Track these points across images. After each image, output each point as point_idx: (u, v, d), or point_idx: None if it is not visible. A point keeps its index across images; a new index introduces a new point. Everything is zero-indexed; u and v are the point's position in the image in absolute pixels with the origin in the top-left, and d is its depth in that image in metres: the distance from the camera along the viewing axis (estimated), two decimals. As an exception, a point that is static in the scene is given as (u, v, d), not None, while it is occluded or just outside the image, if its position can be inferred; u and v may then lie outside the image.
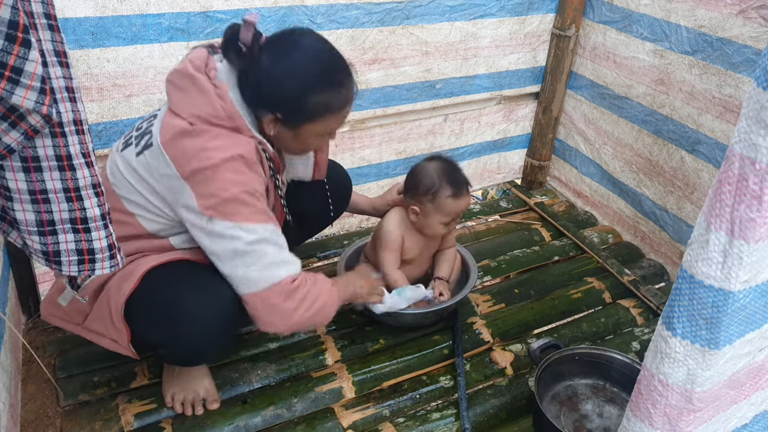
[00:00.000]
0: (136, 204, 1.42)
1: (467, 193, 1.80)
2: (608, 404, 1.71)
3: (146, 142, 1.39)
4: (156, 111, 1.48)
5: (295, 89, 1.36)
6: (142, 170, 1.39)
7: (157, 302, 1.38)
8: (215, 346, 1.51)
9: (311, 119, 1.41)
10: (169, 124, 1.36)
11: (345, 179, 1.96)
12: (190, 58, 1.40)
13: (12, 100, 0.84)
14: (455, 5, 2.27)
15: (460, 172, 1.80)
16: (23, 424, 1.56)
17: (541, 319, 2.03)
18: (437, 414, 1.65)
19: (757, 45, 1.84)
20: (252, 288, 1.38)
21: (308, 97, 1.37)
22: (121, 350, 1.44)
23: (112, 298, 1.38)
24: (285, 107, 1.38)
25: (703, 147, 2.08)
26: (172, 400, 1.60)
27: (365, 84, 2.24)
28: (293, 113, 1.39)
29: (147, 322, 1.41)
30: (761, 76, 0.77)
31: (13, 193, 1.00)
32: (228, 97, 1.35)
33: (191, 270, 1.44)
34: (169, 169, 1.34)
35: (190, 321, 1.38)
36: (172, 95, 1.39)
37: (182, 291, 1.39)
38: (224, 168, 1.32)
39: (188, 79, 1.36)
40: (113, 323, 1.40)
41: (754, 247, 0.84)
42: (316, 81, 1.37)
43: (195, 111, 1.35)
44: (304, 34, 1.41)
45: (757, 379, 1.10)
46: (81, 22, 1.70)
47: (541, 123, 2.73)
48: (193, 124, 1.34)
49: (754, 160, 0.80)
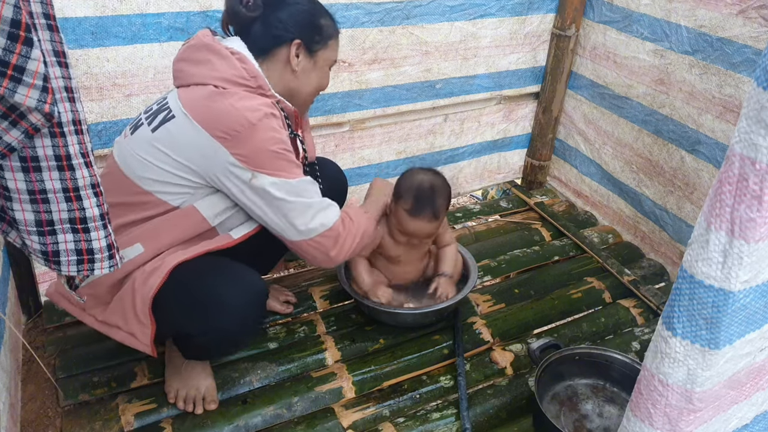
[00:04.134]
0: (154, 181, 1.41)
1: (426, 219, 1.74)
2: (608, 404, 1.71)
3: (164, 116, 1.41)
4: (162, 98, 1.49)
5: (309, 13, 1.50)
6: (160, 144, 1.39)
7: (189, 293, 1.40)
8: (249, 333, 1.62)
9: (326, 43, 1.53)
10: (191, 95, 1.40)
11: (340, 176, 1.97)
12: (198, 35, 1.47)
13: (14, 99, 0.84)
14: (455, 5, 2.26)
15: (433, 198, 1.75)
16: (23, 424, 1.56)
17: (541, 319, 2.03)
18: (437, 414, 1.65)
19: (757, 45, 1.84)
20: (302, 236, 1.47)
21: (319, 19, 1.51)
22: (138, 345, 1.43)
23: (137, 293, 1.38)
24: (304, 31, 1.49)
25: (703, 147, 2.08)
26: (176, 396, 1.60)
27: (365, 84, 2.24)
28: (312, 36, 1.50)
29: (179, 313, 1.42)
30: (761, 76, 0.77)
31: (13, 193, 1.00)
32: (248, 59, 1.43)
33: (217, 261, 1.46)
34: (200, 135, 1.36)
35: (227, 308, 1.41)
36: (186, 72, 1.44)
37: (213, 280, 1.41)
38: (260, 126, 1.36)
39: (206, 49, 1.43)
40: (137, 317, 1.39)
41: (754, 247, 0.84)
42: (319, 6, 1.54)
43: (218, 75, 1.40)
44: None
45: (758, 380, 1.10)
46: (81, 21, 1.70)
47: (541, 123, 2.73)
48: (217, 86, 1.38)
49: (754, 160, 0.80)
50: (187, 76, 1.43)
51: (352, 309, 2.00)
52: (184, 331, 1.48)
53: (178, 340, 1.56)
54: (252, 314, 1.49)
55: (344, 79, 2.18)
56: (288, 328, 1.90)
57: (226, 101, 1.36)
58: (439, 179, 1.80)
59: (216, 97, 1.36)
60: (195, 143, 1.37)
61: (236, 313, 1.42)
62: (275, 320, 1.93)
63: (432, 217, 1.75)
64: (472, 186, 2.83)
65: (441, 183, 1.79)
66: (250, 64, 1.42)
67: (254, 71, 1.42)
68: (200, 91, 1.38)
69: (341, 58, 2.13)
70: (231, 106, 1.35)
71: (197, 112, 1.36)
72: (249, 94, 1.40)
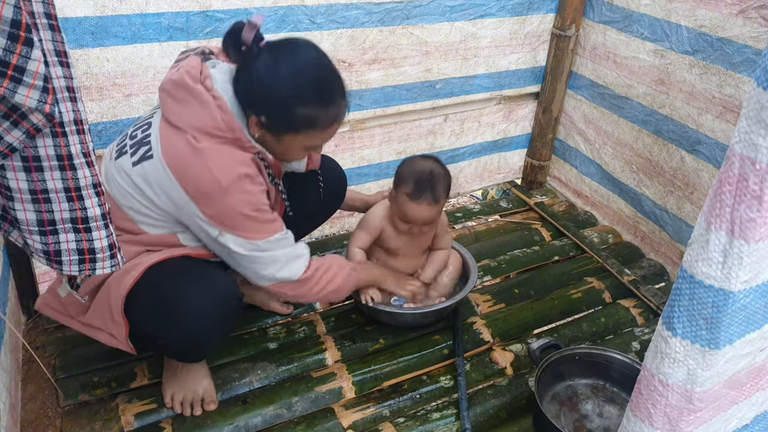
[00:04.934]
0: (135, 211, 1.42)
1: (426, 203, 1.74)
2: (608, 404, 1.71)
3: (145, 152, 1.39)
4: (148, 118, 1.46)
5: (284, 97, 1.36)
6: (139, 180, 1.39)
7: (157, 294, 1.39)
8: (215, 339, 1.53)
9: (296, 131, 1.41)
10: (169, 138, 1.36)
11: (339, 173, 1.96)
12: (185, 68, 1.39)
13: (15, 99, 0.84)
14: (455, 5, 2.27)
15: (434, 183, 1.75)
16: (23, 424, 1.56)
17: (541, 319, 2.03)
18: (437, 414, 1.65)
19: (757, 45, 1.84)
20: (268, 282, 1.51)
21: (296, 108, 1.37)
22: (119, 345, 1.45)
23: (112, 293, 1.39)
24: (271, 113, 1.38)
25: (703, 147, 2.08)
26: (172, 399, 1.60)
27: (365, 84, 2.24)
28: (278, 121, 1.39)
29: (146, 313, 1.41)
30: (761, 76, 0.77)
31: (14, 192, 1.00)
32: (228, 108, 1.37)
33: (192, 264, 1.46)
34: (173, 185, 1.35)
35: (189, 310, 1.39)
36: (168, 105, 1.39)
37: (182, 282, 1.41)
38: (231, 189, 1.35)
39: (186, 90, 1.37)
40: (112, 317, 1.40)
41: (754, 247, 0.84)
42: (306, 93, 1.37)
43: (196, 123, 1.35)
44: (305, 44, 1.41)
45: (758, 380, 1.10)
46: (81, 21, 1.70)
47: (541, 123, 2.73)
48: (195, 137, 1.34)
49: (755, 160, 0.80)
50: (168, 109, 1.39)
51: (352, 309, 2.00)
52: (148, 332, 1.45)
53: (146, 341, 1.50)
54: (216, 318, 1.44)
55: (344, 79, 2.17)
56: (288, 328, 1.90)
57: (201, 160, 1.33)
58: (439, 165, 1.81)
59: (191, 154, 1.34)
60: (167, 190, 1.37)
61: (198, 315, 1.39)
62: (275, 320, 1.94)
63: (432, 201, 1.75)
64: (472, 186, 2.84)
65: (441, 168, 1.80)
66: (229, 115, 1.36)
67: (232, 123, 1.36)
68: (178, 141, 1.35)
69: (341, 58, 2.13)
70: (205, 166, 1.33)
71: (173, 163, 1.35)
72: (227, 149, 1.37)
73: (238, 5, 1.89)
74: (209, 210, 1.37)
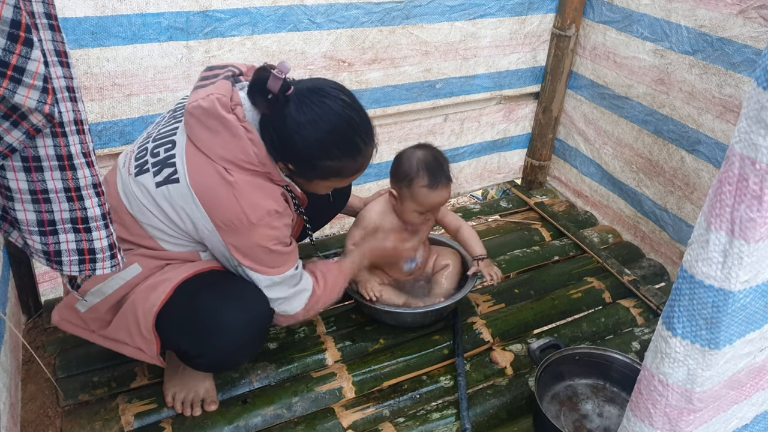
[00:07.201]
0: (156, 228, 1.42)
1: (444, 187, 1.78)
2: (608, 404, 1.71)
3: (169, 175, 1.37)
4: (169, 135, 1.43)
5: (311, 152, 1.38)
6: (163, 202, 1.38)
7: (190, 311, 1.40)
8: (250, 353, 1.59)
9: (322, 178, 1.46)
10: (198, 165, 1.35)
11: None
12: (215, 94, 1.36)
13: (14, 100, 0.84)
14: (455, 5, 2.27)
15: (442, 165, 1.78)
16: (23, 424, 1.56)
17: (541, 319, 2.03)
18: (437, 414, 1.65)
19: (757, 45, 1.84)
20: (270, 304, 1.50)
21: (323, 161, 1.40)
22: (147, 359, 1.45)
23: (139, 308, 1.39)
24: (298, 164, 1.41)
25: (703, 147, 2.08)
26: (173, 399, 1.60)
27: (365, 84, 2.24)
28: (305, 170, 1.44)
29: (180, 330, 1.42)
30: (761, 76, 0.77)
31: (14, 192, 1.00)
32: (260, 142, 1.37)
33: (222, 280, 1.46)
34: (199, 213, 1.36)
35: (226, 329, 1.40)
36: (197, 131, 1.37)
37: (215, 298, 1.41)
38: (259, 225, 1.36)
39: (218, 120, 1.35)
40: (141, 333, 1.40)
41: (754, 247, 0.84)
42: (332, 148, 1.39)
43: (227, 155, 1.35)
44: (332, 92, 1.38)
45: (758, 380, 1.10)
46: (81, 21, 1.70)
47: (541, 123, 2.73)
48: (227, 169, 1.34)
49: (755, 160, 0.80)
50: (197, 136, 1.37)
51: (352, 309, 2.00)
52: (182, 348, 1.47)
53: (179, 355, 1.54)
54: (252, 333, 1.47)
55: (344, 79, 2.18)
56: (288, 329, 1.90)
57: (231, 194, 1.34)
58: (432, 147, 1.84)
59: (222, 186, 1.34)
60: (192, 217, 1.37)
61: (234, 334, 1.41)
62: (275, 320, 1.94)
63: (448, 182, 1.79)
64: (472, 186, 2.84)
65: (435, 149, 1.84)
66: (262, 150, 1.37)
67: (264, 158, 1.38)
68: (208, 170, 1.35)
69: (341, 58, 2.13)
70: (235, 200, 1.34)
71: (202, 193, 1.35)
72: (258, 182, 1.38)
73: (238, 5, 1.89)
74: (233, 241, 1.38)
